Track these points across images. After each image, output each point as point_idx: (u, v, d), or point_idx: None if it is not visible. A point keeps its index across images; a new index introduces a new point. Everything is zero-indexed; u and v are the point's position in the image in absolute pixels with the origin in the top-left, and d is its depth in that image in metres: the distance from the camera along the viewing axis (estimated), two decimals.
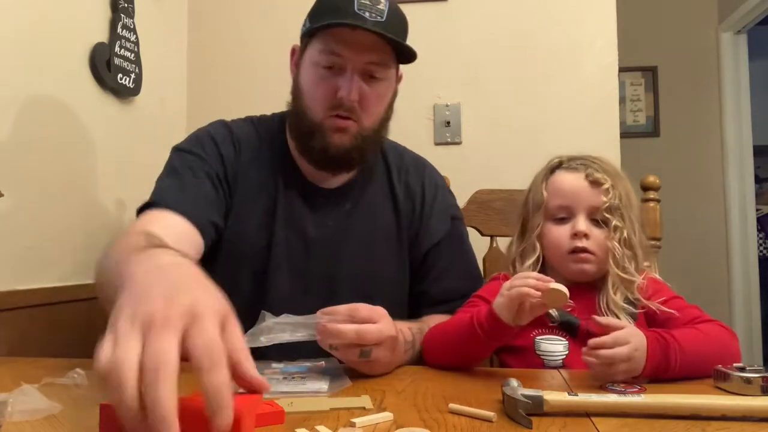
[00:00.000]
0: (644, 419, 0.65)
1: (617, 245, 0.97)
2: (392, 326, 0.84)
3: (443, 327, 0.97)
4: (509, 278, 1.04)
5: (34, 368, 0.86)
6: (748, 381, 0.74)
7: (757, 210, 3.45)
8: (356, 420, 0.62)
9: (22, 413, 0.63)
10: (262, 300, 1.04)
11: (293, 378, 0.82)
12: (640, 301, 0.97)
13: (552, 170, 1.06)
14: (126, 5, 1.50)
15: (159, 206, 0.97)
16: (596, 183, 1.00)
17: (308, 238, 1.09)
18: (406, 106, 1.82)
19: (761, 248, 3.54)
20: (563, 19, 1.79)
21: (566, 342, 0.97)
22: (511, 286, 0.82)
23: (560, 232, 1.01)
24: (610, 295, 0.97)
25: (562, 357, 0.97)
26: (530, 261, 1.03)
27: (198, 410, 0.45)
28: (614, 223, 0.98)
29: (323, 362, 0.90)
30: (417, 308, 1.13)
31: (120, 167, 1.49)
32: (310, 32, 1.03)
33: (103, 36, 1.45)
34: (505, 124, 1.78)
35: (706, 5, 3.40)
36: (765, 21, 3.22)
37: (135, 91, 1.56)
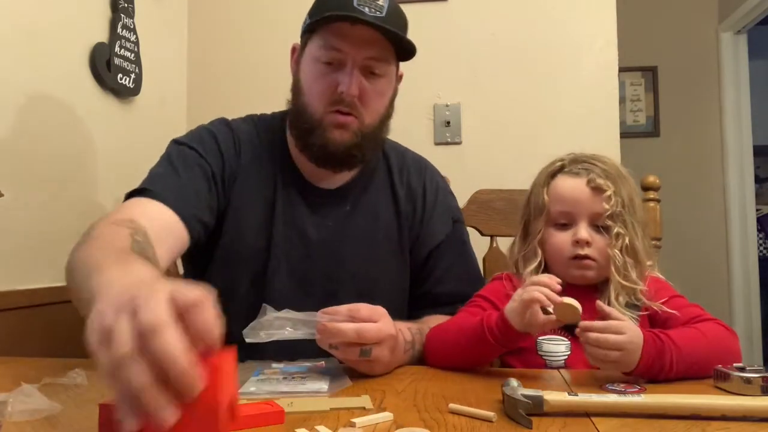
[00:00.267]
0: (644, 419, 0.65)
1: (618, 253, 0.96)
2: (392, 326, 0.84)
3: (447, 328, 0.97)
4: (512, 278, 1.04)
5: (34, 368, 0.86)
6: (748, 381, 0.74)
7: (757, 210, 3.45)
8: (356, 420, 0.62)
9: (22, 413, 0.64)
10: (261, 301, 1.03)
11: (293, 378, 0.82)
12: (643, 303, 0.97)
13: (553, 174, 1.04)
14: (126, 5, 1.51)
15: (148, 194, 0.95)
16: (598, 189, 0.98)
17: (308, 239, 1.08)
18: (406, 106, 1.81)
19: (761, 248, 3.54)
20: (563, 19, 1.79)
21: (568, 342, 0.97)
22: (524, 291, 0.83)
23: (562, 239, 1.00)
24: (612, 300, 0.96)
25: (564, 357, 0.97)
26: (532, 266, 1.02)
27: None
28: (616, 231, 0.97)
29: (323, 362, 0.90)
30: (418, 310, 1.13)
31: (120, 167, 1.49)
32: (310, 28, 1.03)
33: (103, 36, 1.45)
34: (505, 124, 1.79)
35: (706, 5, 3.40)
36: (765, 21, 3.22)
37: (135, 91, 1.56)
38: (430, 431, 0.60)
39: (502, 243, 1.41)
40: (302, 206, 1.09)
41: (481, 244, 1.43)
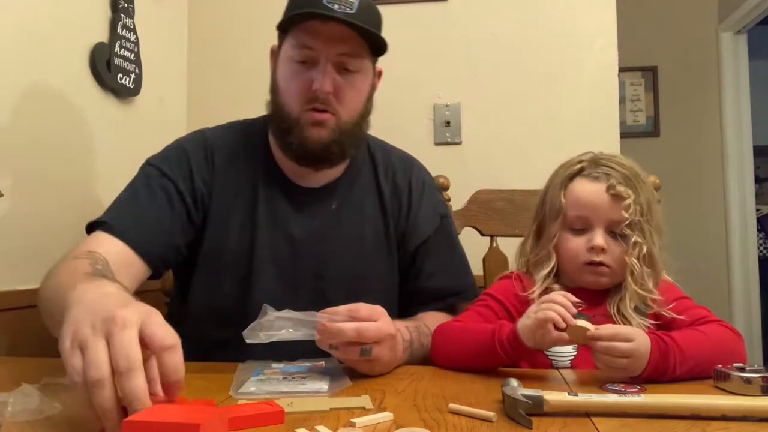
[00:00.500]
0: (644, 419, 0.65)
1: (636, 262, 0.95)
2: (391, 325, 0.84)
3: (455, 328, 0.96)
4: (521, 277, 1.04)
5: (34, 368, 0.86)
6: (748, 381, 0.74)
7: (757, 210, 3.45)
8: (356, 420, 0.62)
9: (22, 413, 0.63)
10: (248, 304, 1.03)
11: (293, 378, 0.82)
12: (654, 311, 0.96)
13: (572, 177, 1.01)
14: (126, 5, 1.51)
15: (106, 228, 0.97)
16: (618, 197, 0.96)
17: (294, 239, 1.08)
18: (406, 106, 1.83)
19: (761, 248, 3.54)
20: (563, 19, 1.79)
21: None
22: (538, 310, 0.83)
23: (577, 243, 0.99)
24: (624, 302, 0.96)
25: (571, 357, 0.96)
26: (546, 270, 1.01)
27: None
28: (634, 239, 0.95)
29: (323, 362, 0.90)
30: (409, 306, 1.13)
31: (120, 167, 1.49)
32: (283, 28, 1.04)
33: (103, 36, 1.45)
34: (505, 124, 1.79)
35: (706, 5, 3.40)
36: (765, 21, 3.22)
37: (135, 91, 1.56)
38: (430, 431, 0.60)
39: (502, 243, 1.41)
40: (286, 206, 1.09)
41: (481, 244, 1.43)
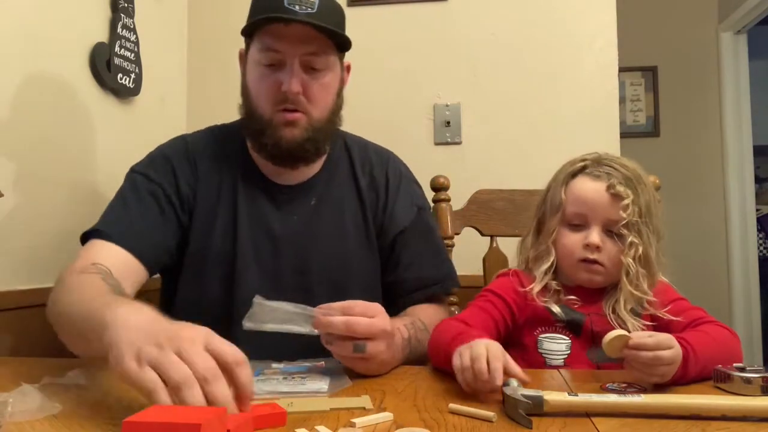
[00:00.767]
0: (644, 419, 0.65)
1: (632, 262, 0.95)
2: (388, 322, 0.84)
3: (444, 329, 0.94)
4: (519, 274, 1.04)
5: (34, 368, 0.86)
6: (748, 381, 0.74)
7: (757, 210, 3.45)
8: (356, 420, 0.62)
9: (22, 413, 0.64)
10: (233, 302, 1.05)
11: (293, 378, 0.82)
12: (647, 310, 0.96)
13: (574, 174, 1.02)
14: (126, 5, 1.50)
15: (102, 236, 1.01)
16: (617, 196, 0.96)
17: (275, 236, 1.10)
18: (406, 106, 1.83)
19: (761, 248, 3.53)
20: (563, 19, 1.79)
21: (569, 341, 0.97)
22: (465, 367, 0.75)
23: (573, 239, 0.99)
24: (619, 304, 0.96)
25: (564, 356, 0.97)
26: (545, 266, 1.01)
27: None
28: (630, 240, 0.96)
29: (323, 362, 0.90)
30: (393, 298, 1.13)
31: (120, 167, 1.49)
32: (247, 32, 1.06)
33: (103, 36, 1.45)
34: (505, 124, 1.78)
35: (706, 5, 3.39)
36: (765, 21, 3.21)
37: (135, 91, 1.56)
38: (430, 431, 0.60)
39: (502, 243, 1.41)
40: (266, 204, 1.11)
41: (481, 244, 1.43)
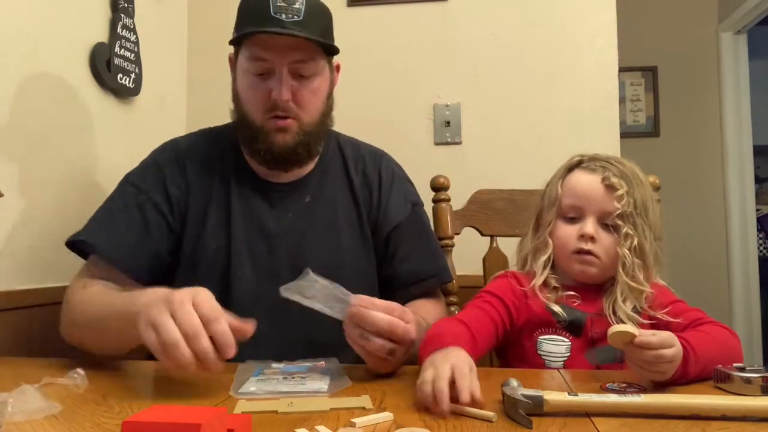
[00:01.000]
0: (644, 419, 0.65)
1: (627, 253, 0.96)
2: (414, 331, 0.85)
3: (439, 331, 0.93)
4: (516, 275, 1.04)
5: (34, 368, 0.86)
6: (748, 381, 0.74)
7: (757, 210, 3.45)
8: (356, 420, 0.62)
9: (22, 413, 0.64)
10: (229, 299, 1.06)
11: (293, 378, 0.82)
12: (646, 311, 0.96)
13: (570, 168, 1.05)
14: (126, 5, 1.50)
15: (89, 248, 1.05)
16: (611, 188, 0.98)
17: (269, 233, 1.11)
18: (406, 106, 1.83)
19: (761, 248, 3.53)
20: (563, 19, 1.79)
21: (569, 343, 0.97)
22: (423, 383, 0.70)
23: (568, 231, 1.01)
24: (619, 303, 0.96)
25: (564, 358, 0.96)
26: (543, 258, 1.02)
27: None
28: (625, 231, 0.97)
29: (323, 362, 0.90)
30: (390, 292, 1.14)
31: (120, 167, 1.49)
32: (236, 41, 1.07)
33: (103, 36, 1.45)
34: (505, 124, 1.78)
35: (706, 5, 3.39)
36: (765, 21, 3.21)
37: (135, 91, 1.55)
38: (430, 431, 0.60)
39: (502, 243, 1.41)
40: (260, 202, 1.13)
41: (481, 244, 1.43)
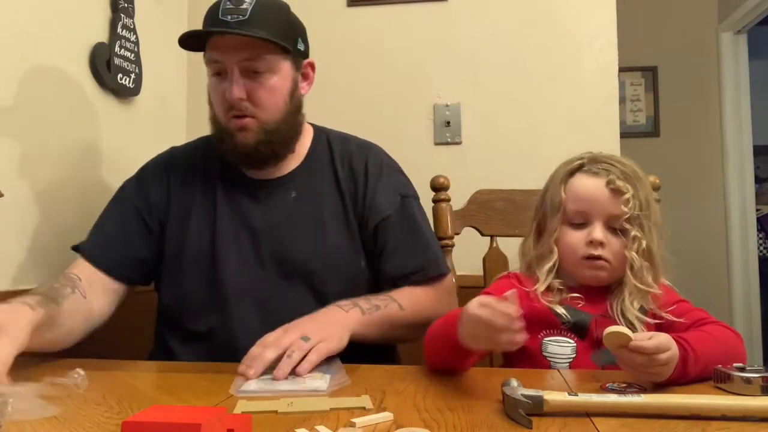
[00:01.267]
0: (644, 419, 0.65)
1: (636, 256, 0.95)
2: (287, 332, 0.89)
3: (435, 327, 0.94)
4: (519, 277, 1.04)
5: (34, 368, 0.87)
6: (748, 381, 0.74)
7: (757, 210, 3.45)
8: (356, 420, 0.62)
9: (22, 413, 0.64)
10: (214, 294, 1.09)
11: (293, 378, 0.82)
12: (653, 311, 0.96)
13: (572, 172, 1.03)
14: (126, 5, 1.50)
15: (83, 253, 1.11)
16: (617, 191, 0.97)
17: (254, 229, 1.12)
18: (406, 106, 1.83)
19: (761, 248, 3.53)
20: (563, 19, 1.79)
21: (574, 344, 0.96)
22: (478, 311, 0.76)
23: (576, 238, 0.99)
24: (626, 304, 0.96)
25: (569, 360, 0.96)
26: (548, 265, 1.01)
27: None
28: (633, 234, 0.96)
29: (323, 362, 0.90)
30: (380, 286, 1.14)
31: (120, 167, 1.49)
32: (190, 48, 1.12)
33: (103, 36, 1.45)
34: (505, 124, 1.78)
35: (706, 5, 3.39)
36: (765, 21, 3.21)
37: (135, 91, 1.55)
38: (430, 431, 0.60)
39: (502, 243, 1.41)
40: (246, 199, 1.15)
41: (481, 244, 1.43)
